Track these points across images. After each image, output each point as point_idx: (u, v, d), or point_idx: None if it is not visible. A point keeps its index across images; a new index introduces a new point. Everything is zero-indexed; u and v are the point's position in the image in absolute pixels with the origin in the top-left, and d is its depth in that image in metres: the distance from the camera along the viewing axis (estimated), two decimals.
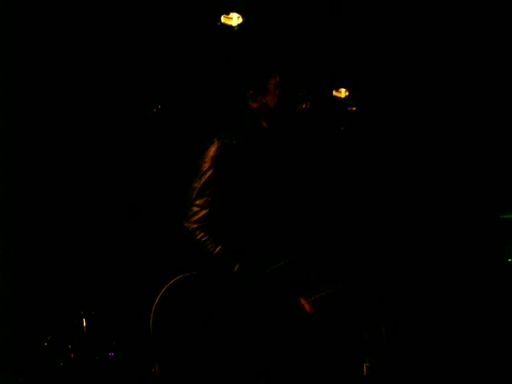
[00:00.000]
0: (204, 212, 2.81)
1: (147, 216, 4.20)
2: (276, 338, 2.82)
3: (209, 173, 2.84)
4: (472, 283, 4.29)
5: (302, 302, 2.88)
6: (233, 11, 4.23)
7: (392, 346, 3.17)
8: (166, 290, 2.77)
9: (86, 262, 4.20)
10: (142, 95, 4.23)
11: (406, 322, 4.05)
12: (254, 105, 2.93)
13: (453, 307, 4.26)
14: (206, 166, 2.85)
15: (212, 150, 2.87)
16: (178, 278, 2.80)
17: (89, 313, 3.88)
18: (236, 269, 2.79)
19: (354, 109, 3.08)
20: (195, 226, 2.79)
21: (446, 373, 3.98)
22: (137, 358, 3.73)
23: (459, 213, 4.41)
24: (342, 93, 4.32)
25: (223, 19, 4.23)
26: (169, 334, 2.72)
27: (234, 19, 4.23)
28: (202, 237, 2.78)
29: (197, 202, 2.82)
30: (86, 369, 3.74)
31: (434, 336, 4.12)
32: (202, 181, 2.83)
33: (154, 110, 4.08)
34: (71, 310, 3.89)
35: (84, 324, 3.84)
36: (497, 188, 4.51)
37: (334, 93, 4.25)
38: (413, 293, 4.20)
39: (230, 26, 4.22)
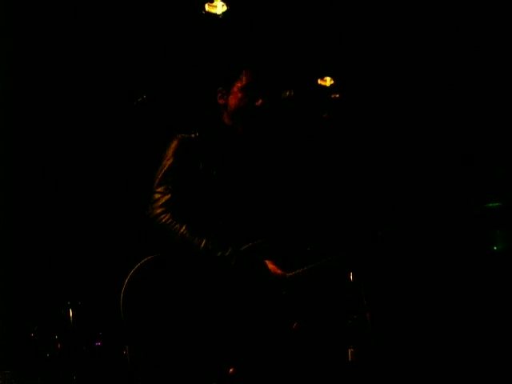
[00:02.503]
0: (167, 197, 2.88)
1: (133, 206, 4.21)
2: (249, 319, 2.84)
3: (169, 162, 2.94)
4: (458, 271, 4.32)
5: (271, 267, 2.91)
6: None
7: (377, 331, 3.19)
8: (133, 273, 2.79)
9: (72, 253, 4.21)
10: (126, 85, 4.23)
11: (391, 307, 4.07)
12: (221, 101, 3.06)
13: (438, 295, 4.28)
14: (167, 157, 2.96)
15: (174, 143, 2.99)
16: (143, 260, 2.82)
17: (75, 303, 3.88)
18: (203, 246, 2.83)
19: (337, 96, 3.10)
20: (159, 210, 2.86)
21: (430, 358, 4.00)
22: (123, 347, 3.74)
23: (444, 202, 4.43)
24: (327, 81, 4.32)
25: (207, 7, 4.23)
26: (139, 316, 2.74)
27: (219, 7, 4.23)
28: (167, 219, 2.84)
29: (158, 190, 2.90)
30: (72, 359, 3.74)
31: (418, 322, 4.15)
32: (163, 170, 2.93)
33: (140, 99, 4.07)
34: (58, 301, 3.89)
35: (71, 314, 3.84)
36: (482, 176, 4.53)
37: (319, 81, 4.26)
38: (398, 279, 4.22)
39: (215, 14, 4.23)
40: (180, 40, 4.34)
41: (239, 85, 3.02)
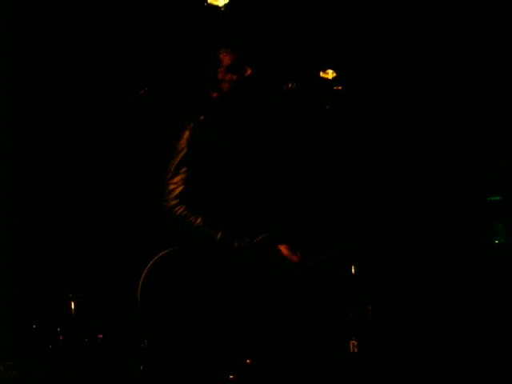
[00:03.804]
0: (181, 188, 2.89)
1: (132, 198, 4.21)
2: (262, 311, 2.84)
3: (183, 152, 2.94)
4: (459, 264, 4.32)
5: (285, 251, 2.91)
6: None
7: (378, 323, 3.19)
8: (151, 266, 2.79)
9: (74, 245, 4.21)
10: (128, 78, 4.22)
11: (392, 299, 4.08)
12: (214, 95, 3.04)
13: (440, 288, 4.28)
14: (181, 147, 2.96)
15: (186, 133, 2.98)
16: (161, 253, 2.82)
17: (77, 295, 3.88)
18: (219, 237, 2.83)
19: (339, 88, 3.10)
20: (174, 202, 2.86)
21: (431, 350, 4.01)
22: (125, 339, 3.74)
23: (446, 195, 4.42)
24: (330, 74, 4.30)
25: None
26: (156, 310, 2.74)
27: None
28: (182, 211, 2.85)
29: (173, 181, 2.90)
30: (74, 351, 3.75)
31: (419, 314, 4.15)
32: (177, 160, 2.93)
33: (141, 92, 4.06)
34: (59, 293, 3.89)
35: (72, 306, 3.84)
36: (483, 170, 4.52)
37: (321, 74, 4.24)
38: (399, 272, 4.22)
39: (217, 7, 4.22)
40: (182, 32, 4.33)
41: (222, 69, 3.01)
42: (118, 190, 4.27)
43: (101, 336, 3.83)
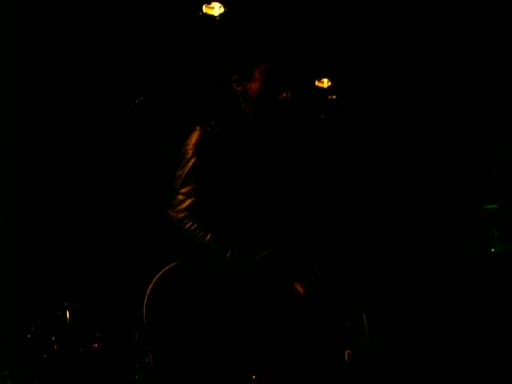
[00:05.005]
0: (190, 200, 2.79)
1: (131, 206, 4.21)
2: (267, 325, 2.82)
3: (192, 160, 2.83)
4: (455, 273, 4.32)
5: (296, 284, 2.88)
6: (214, 1, 4.24)
7: (373, 332, 3.19)
8: (157, 280, 2.74)
9: (70, 254, 4.20)
10: (125, 85, 4.23)
11: (388, 308, 4.08)
12: (238, 88, 2.96)
13: (435, 296, 4.28)
14: (189, 153, 2.85)
15: (194, 137, 2.88)
16: (167, 267, 2.78)
17: (72, 304, 3.87)
18: (228, 256, 2.78)
19: (334, 97, 3.10)
20: (182, 214, 2.77)
21: (427, 359, 4.00)
22: (121, 349, 3.74)
23: (443, 203, 4.43)
24: (325, 83, 4.32)
25: (205, 9, 4.23)
26: (162, 324, 2.70)
27: (216, 9, 4.23)
28: (191, 225, 2.76)
29: (182, 191, 2.81)
30: (69, 360, 3.74)
31: (415, 323, 4.15)
32: (186, 169, 2.83)
33: (137, 101, 4.07)
34: (55, 302, 3.89)
35: (67, 315, 3.83)
36: (480, 178, 4.53)
37: (317, 83, 4.26)
38: (395, 281, 4.23)
39: (212, 16, 4.23)
40: (177, 42, 4.34)
41: (261, 68, 2.95)
42: (118, 198, 4.27)
43: (96, 345, 3.82)
